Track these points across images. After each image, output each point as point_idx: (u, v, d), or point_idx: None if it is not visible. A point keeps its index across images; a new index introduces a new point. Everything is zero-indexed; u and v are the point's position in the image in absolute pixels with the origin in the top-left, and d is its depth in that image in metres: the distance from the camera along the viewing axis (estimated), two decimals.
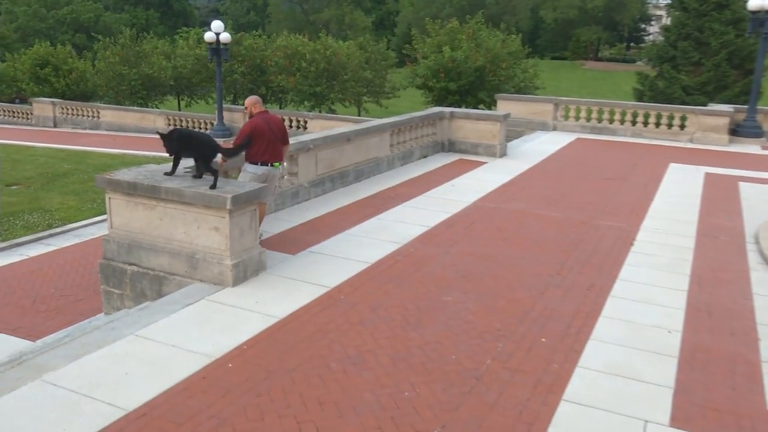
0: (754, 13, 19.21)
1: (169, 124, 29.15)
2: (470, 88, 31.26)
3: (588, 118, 21.13)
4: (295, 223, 9.85)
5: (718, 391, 5.53)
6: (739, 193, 12.91)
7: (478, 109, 29.43)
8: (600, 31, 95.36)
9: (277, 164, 8.55)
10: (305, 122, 27.07)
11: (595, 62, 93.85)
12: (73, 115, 32.23)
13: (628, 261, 8.68)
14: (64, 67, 39.43)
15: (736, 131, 19.96)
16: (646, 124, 20.45)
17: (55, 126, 32.32)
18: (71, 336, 6.42)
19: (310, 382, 5.44)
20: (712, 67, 30.46)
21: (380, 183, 12.78)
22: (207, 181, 7.42)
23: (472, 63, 30.43)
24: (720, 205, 11.87)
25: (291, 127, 28.00)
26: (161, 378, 5.43)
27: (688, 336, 6.51)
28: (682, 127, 20.09)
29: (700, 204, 11.98)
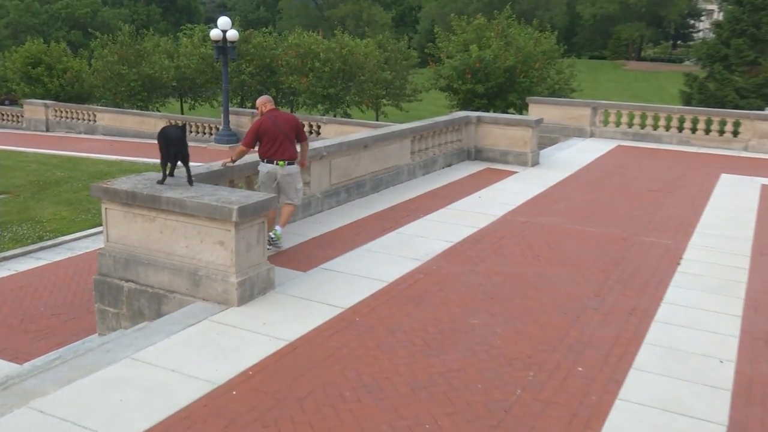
0: None
1: None
2: (499, 91, 31.26)
3: (630, 124, 21.02)
4: (307, 237, 9.88)
5: None
6: None
7: (508, 113, 29.42)
8: (643, 28, 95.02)
9: (281, 162, 9.09)
10: (318, 127, 27.20)
11: (638, 62, 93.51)
12: (67, 118, 32.66)
13: (674, 282, 8.60)
14: (58, 67, 39.96)
15: None
16: (694, 130, 20.30)
17: (48, 130, 32.77)
18: (62, 359, 6.47)
19: (322, 412, 5.44)
20: None
21: (400, 194, 12.79)
22: (212, 190, 7.49)
23: (502, 63, 30.45)
24: None
25: None
26: (159, 406, 5.45)
27: (743, 367, 6.43)
28: (735, 133, 19.92)
29: (756, 219, 11.86)
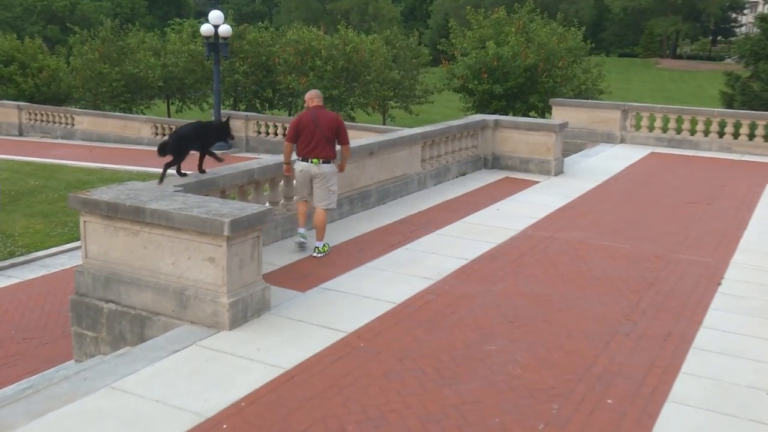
0: None
1: (157, 134, 29.57)
2: (519, 92, 31.36)
3: (664, 129, 21.00)
4: (306, 254, 9.89)
5: None
6: None
7: (529, 116, 29.45)
8: (679, 22, 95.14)
9: (315, 160, 9.67)
10: None
11: (673, 60, 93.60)
12: (42, 121, 32.86)
13: (714, 304, 8.56)
14: (33, 65, 40.22)
15: None
16: (736, 135, 20.26)
17: (21, 134, 32.98)
18: (34, 387, 6.48)
19: None
20: None
21: (409, 206, 12.80)
22: (202, 201, 7.52)
23: (522, 61, 30.55)
24: None
25: None
26: None
27: None
28: None
29: None
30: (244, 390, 6.18)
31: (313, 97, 9.91)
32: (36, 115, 33.09)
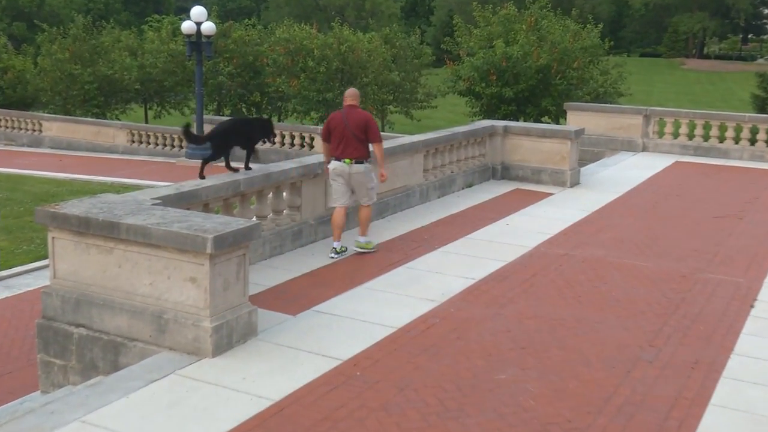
0: None
1: (133, 141, 29.64)
2: (531, 95, 31.41)
3: (690, 135, 21.05)
4: (297, 273, 9.89)
5: None
6: None
7: (542, 122, 29.51)
8: (706, 20, 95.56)
9: (348, 160, 10.38)
10: (312, 139, 27.38)
11: (700, 60, 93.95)
12: (7, 127, 32.96)
13: (746, 329, 8.56)
14: None
15: None
16: None
17: None
18: None
19: None
20: None
21: (410, 220, 12.82)
22: (182, 216, 7.52)
23: (534, 62, 30.62)
24: None
25: (293, 145, 28.33)
26: None
27: None
28: None
29: None
30: (229, 424, 6.16)
31: (346, 96, 10.66)
32: (0, 120, 33.14)
